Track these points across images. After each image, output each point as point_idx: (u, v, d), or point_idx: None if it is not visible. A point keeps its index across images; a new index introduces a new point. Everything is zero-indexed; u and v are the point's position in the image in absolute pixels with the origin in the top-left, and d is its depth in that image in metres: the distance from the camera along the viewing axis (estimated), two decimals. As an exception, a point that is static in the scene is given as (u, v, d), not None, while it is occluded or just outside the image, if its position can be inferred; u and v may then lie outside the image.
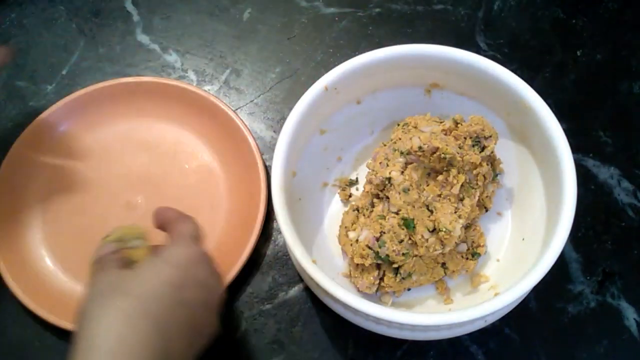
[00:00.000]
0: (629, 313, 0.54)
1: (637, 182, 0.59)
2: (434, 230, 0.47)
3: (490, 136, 0.48)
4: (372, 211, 0.50)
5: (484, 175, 0.49)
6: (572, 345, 0.53)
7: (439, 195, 0.47)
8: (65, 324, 0.52)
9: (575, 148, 0.46)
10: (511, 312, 0.49)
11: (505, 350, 0.53)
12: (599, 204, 0.58)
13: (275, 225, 0.58)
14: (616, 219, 0.57)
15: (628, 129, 0.61)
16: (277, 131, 0.63)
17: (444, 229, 0.46)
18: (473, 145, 0.48)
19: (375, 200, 0.50)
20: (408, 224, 0.46)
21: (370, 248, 0.47)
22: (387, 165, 0.48)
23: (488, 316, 0.45)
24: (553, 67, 0.65)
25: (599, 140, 0.61)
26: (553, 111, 0.46)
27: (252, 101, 0.65)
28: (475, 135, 0.48)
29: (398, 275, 0.48)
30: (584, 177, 0.59)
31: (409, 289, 0.52)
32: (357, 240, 0.49)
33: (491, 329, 0.49)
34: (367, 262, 0.48)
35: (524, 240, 0.50)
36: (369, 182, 0.49)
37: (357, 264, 0.49)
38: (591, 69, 0.64)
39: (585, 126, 0.61)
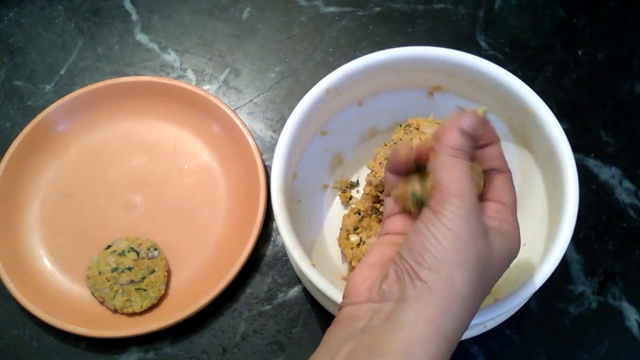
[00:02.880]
0: (630, 314, 0.54)
1: (639, 182, 0.59)
2: None
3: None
4: (377, 215, 0.49)
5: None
6: (573, 346, 0.52)
7: None
8: (64, 324, 0.52)
9: (576, 148, 0.46)
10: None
11: (506, 351, 0.52)
12: (601, 205, 0.58)
13: (274, 225, 0.58)
14: (617, 219, 0.57)
15: (629, 128, 0.61)
16: (277, 131, 0.62)
17: None
18: None
19: (376, 204, 0.50)
20: None
21: None
22: None
23: (487, 322, 0.45)
24: (554, 67, 0.64)
25: (600, 140, 0.60)
26: (554, 111, 0.46)
27: (251, 101, 0.64)
28: None
29: None
30: (585, 178, 0.58)
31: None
32: (358, 244, 0.49)
33: (492, 330, 0.49)
34: None
35: (525, 245, 0.50)
36: (369, 183, 0.49)
37: (355, 268, 0.49)
38: (592, 69, 0.64)
39: (587, 126, 0.61)
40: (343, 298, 0.35)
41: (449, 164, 0.33)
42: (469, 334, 0.47)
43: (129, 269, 0.53)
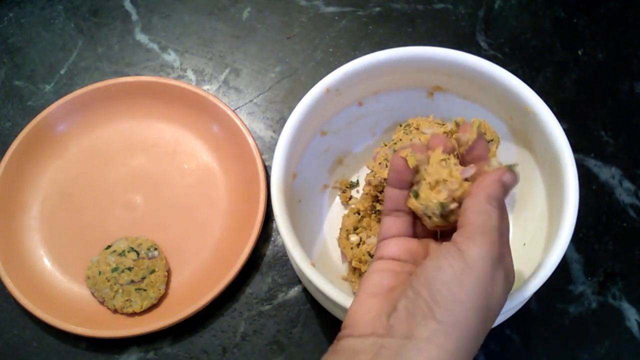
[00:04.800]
0: (630, 314, 0.54)
1: (639, 182, 0.58)
2: None
3: (492, 140, 0.48)
4: (377, 215, 0.49)
5: None
6: (574, 346, 0.52)
7: None
8: (64, 324, 0.52)
9: (576, 148, 0.46)
10: (512, 313, 0.49)
11: (506, 351, 0.52)
12: (601, 205, 0.58)
13: (274, 225, 0.58)
14: (617, 219, 0.57)
15: (629, 128, 0.61)
16: (277, 131, 0.62)
17: None
18: None
19: (376, 203, 0.50)
20: None
21: (371, 256, 0.47)
22: (387, 166, 0.48)
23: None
24: (554, 67, 0.64)
25: (600, 140, 0.60)
26: (554, 111, 0.46)
27: (251, 101, 0.64)
28: None
29: None
30: (585, 178, 0.58)
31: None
32: (357, 244, 0.49)
33: (492, 330, 0.48)
34: (364, 268, 0.48)
35: (525, 245, 0.50)
36: (368, 183, 0.49)
37: (355, 268, 0.49)
38: (592, 69, 0.64)
39: (587, 126, 0.61)
40: (342, 329, 0.34)
41: (483, 209, 0.33)
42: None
43: (129, 269, 0.53)
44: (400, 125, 0.51)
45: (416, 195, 0.37)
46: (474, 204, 0.34)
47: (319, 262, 0.50)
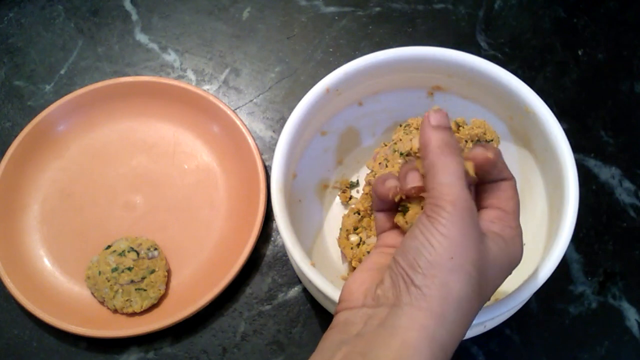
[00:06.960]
0: (630, 314, 0.54)
1: (639, 182, 0.59)
2: None
3: (492, 140, 0.48)
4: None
5: None
6: (574, 346, 0.52)
7: None
8: (64, 324, 0.52)
9: (576, 148, 0.46)
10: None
11: (506, 351, 0.52)
12: (601, 205, 0.58)
13: (274, 225, 0.58)
14: (617, 219, 0.57)
15: (629, 128, 0.61)
16: (277, 131, 0.62)
17: None
18: None
19: None
20: None
21: None
22: (387, 166, 0.48)
23: (487, 322, 0.45)
24: (554, 67, 0.64)
25: (600, 140, 0.60)
26: (554, 111, 0.46)
27: (251, 101, 0.64)
28: (476, 138, 0.48)
29: None
30: (585, 178, 0.58)
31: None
32: (357, 244, 0.49)
33: (492, 330, 0.49)
34: None
35: (525, 245, 0.50)
36: (368, 183, 0.49)
37: (355, 268, 0.49)
38: (592, 69, 0.64)
39: (587, 126, 0.61)
40: (338, 303, 0.35)
41: (441, 165, 0.33)
42: (469, 333, 0.47)
43: (129, 269, 0.53)
44: (400, 125, 0.51)
45: (405, 210, 0.37)
46: (429, 165, 0.33)
47: (319, 262, 0.50)
